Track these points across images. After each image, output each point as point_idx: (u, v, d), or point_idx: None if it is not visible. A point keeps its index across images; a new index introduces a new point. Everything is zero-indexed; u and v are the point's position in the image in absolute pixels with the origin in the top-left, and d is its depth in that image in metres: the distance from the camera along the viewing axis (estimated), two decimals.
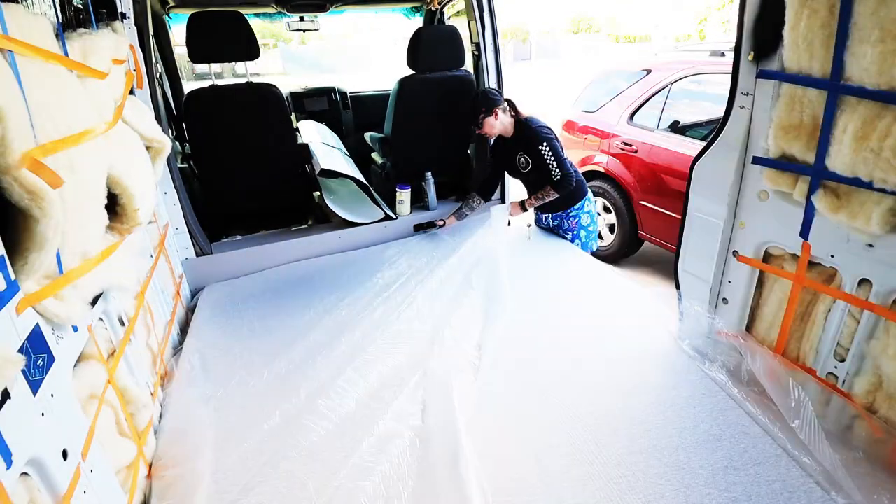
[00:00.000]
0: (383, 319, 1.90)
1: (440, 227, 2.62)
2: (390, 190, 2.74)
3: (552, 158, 2.31)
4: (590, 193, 2.57)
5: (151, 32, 2.22)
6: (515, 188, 2.84)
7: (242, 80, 2.43)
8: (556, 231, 2.65)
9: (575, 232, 2.56)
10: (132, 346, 1.33)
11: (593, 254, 2.55)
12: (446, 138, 2.87)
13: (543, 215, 2.68)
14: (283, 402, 1.49)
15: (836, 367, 1.40)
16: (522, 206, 2.49)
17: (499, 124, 2.37)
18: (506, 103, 2.40)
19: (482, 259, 2.32)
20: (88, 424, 0.93)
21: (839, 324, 1.37)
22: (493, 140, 2.56)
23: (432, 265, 2.29)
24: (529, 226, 2.74)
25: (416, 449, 1.30)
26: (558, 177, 2.32)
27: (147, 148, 1.54)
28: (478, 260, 2.32)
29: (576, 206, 2.52)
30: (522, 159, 2.43)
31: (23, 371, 0.71)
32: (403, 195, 2.70)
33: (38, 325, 0.79)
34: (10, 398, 0.67)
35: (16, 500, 0.68)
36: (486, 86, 2.70)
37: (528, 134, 2.36)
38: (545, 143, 2.31)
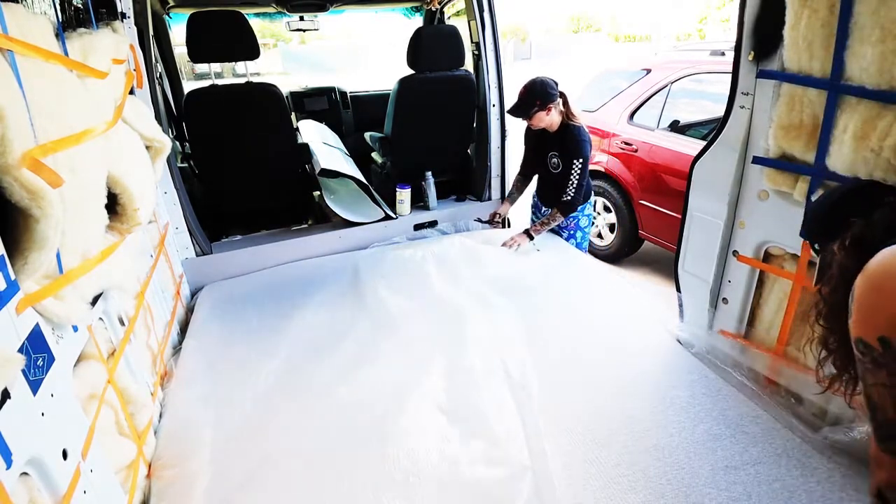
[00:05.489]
0: (383, 320, 1.90)
1: (498, 223, 2.69)
2: (390, 190, 2.74)
3: (577, 178, 2.26)
4: (591, 196, 2.55)
5: (151, 32, 2.22)
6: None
7: (242, 80, 2.43)
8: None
9: (571, 231, 2.55)
10: (132, 346, 1.33)
11: (593, 253, 2.53)
12: (446, 138, 2.87)
13: (545, 207, 2.61)
14: (282, 403, 1.49)
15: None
16: (528, 234, 2.42)
17: (547, 120, 2.30)
18: (560, 100, 2.31)
19: (481, 259, 2.32)
20: (88, 424, 0.92)
21: None
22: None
23: (431, 266, 2.29)
24: (539, 250, 2.51)
25: (415, 451, 1.29)
26: (568, 198, 2.29)
27: (147, 148, 1.54)
28: (477, 260, 2.32)
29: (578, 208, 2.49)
30: (555, 160, 2.37)
31: (23, 371, 0.71)
32: (403, 195, 2.70)
33: (38, 324, 0.79)
34: (10, 398, 0.67)
35: (16, 500, 0.68)
36: (487, 85, 2.69)
37: (572, 141, 2.28)
38: (581, 161, 2.25)
